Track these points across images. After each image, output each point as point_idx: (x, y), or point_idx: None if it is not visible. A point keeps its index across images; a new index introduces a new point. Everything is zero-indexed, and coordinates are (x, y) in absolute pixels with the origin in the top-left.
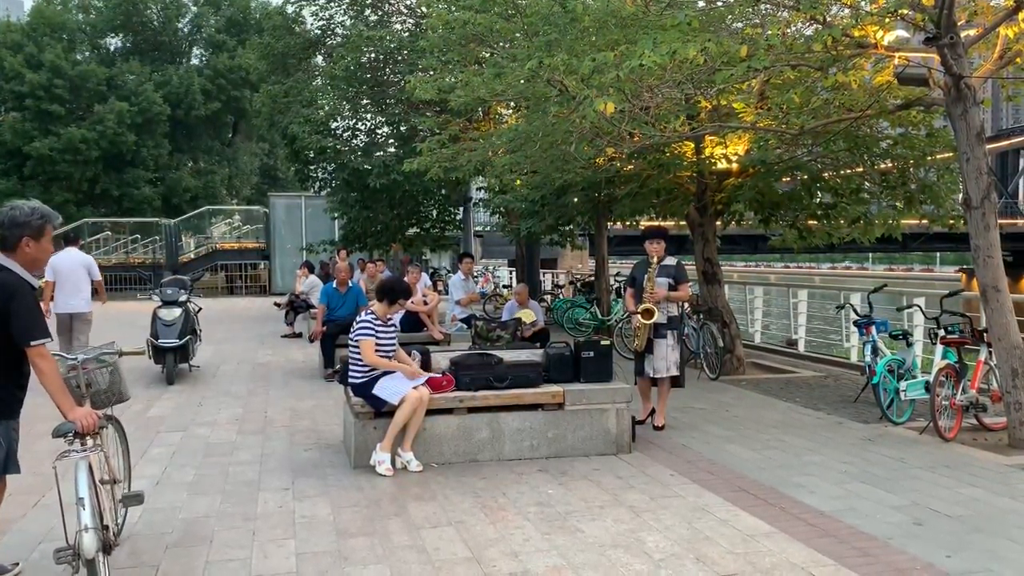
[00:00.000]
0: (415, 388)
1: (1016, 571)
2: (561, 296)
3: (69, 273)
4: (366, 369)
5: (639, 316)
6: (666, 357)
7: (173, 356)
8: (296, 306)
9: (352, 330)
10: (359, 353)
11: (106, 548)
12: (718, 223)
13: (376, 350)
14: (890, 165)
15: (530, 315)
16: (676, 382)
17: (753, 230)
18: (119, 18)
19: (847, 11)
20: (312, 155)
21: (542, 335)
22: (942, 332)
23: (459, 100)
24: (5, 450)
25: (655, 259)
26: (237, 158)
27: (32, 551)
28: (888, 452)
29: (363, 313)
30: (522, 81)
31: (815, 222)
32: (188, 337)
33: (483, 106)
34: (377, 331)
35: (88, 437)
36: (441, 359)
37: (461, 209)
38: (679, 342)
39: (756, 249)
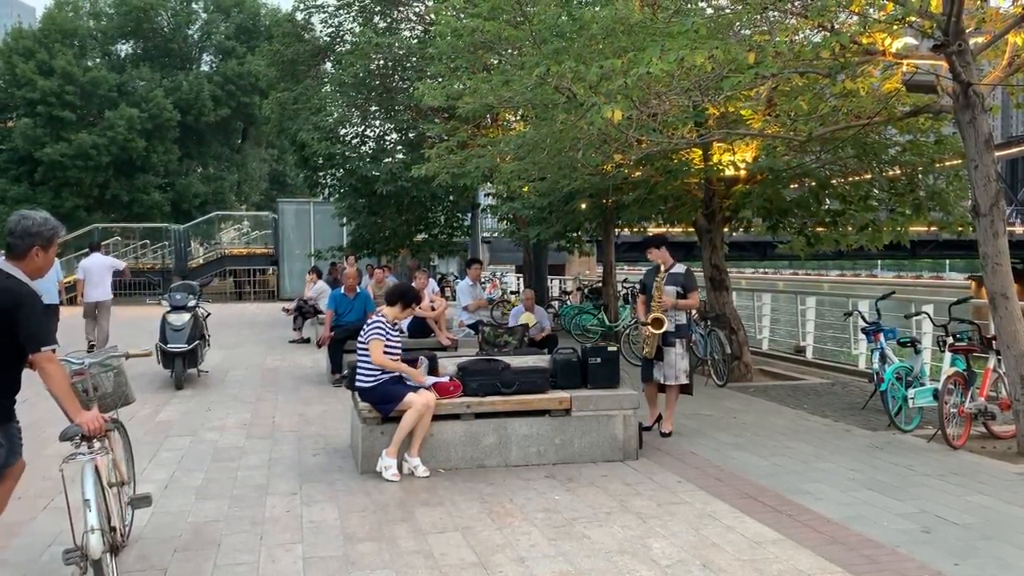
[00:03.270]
0: (422, 391)
1: None
2: (569, 302)
3: (97, 271)
4: (375, 373)
5: (649, 327)
6: (675, 365)
7: (182, 361)
8: (304, 311)
9: (363, 332)
10: (368, 356)
11: (113, 549)
12: (726, 229)
13: (384, 351)
14: (898, 172)
15: (531, 318)
16: (685, 389)
17: (761, 236)
18: (129, 25)
19: (855, 18)
20: (321, 161)
21: (550, 341)
22: (951, 339)
23: (467, 107)
24: (6, 449)
25: (663, 267)
26: (246, 164)
27: (42, 553)
28: (896, 459)
29: (375, 315)
30: (530, 88)
31: (823, 229)
32: (197, 342)
33: (491, 112)
34: (388, 334)
35: (95, 440)
36: (448, 364)
37: (469, 215)
38: (688, 349)
39: (764, 255)
